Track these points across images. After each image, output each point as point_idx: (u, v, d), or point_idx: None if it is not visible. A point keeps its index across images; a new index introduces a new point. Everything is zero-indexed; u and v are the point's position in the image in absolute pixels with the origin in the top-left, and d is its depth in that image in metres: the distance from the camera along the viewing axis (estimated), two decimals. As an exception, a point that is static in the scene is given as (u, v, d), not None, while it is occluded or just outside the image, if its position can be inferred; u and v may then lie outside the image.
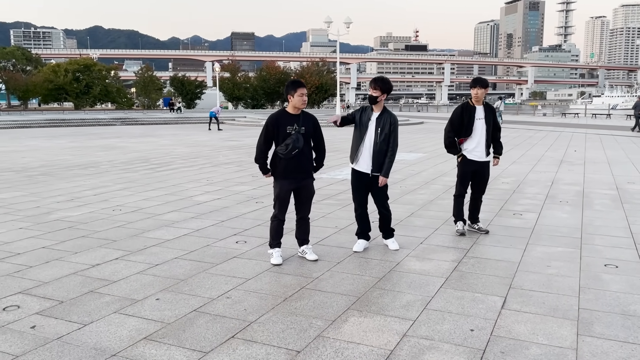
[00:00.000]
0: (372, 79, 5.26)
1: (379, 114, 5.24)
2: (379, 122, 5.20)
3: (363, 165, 5.31)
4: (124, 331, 3.61)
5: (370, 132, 5.21)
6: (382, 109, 5.27)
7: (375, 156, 5.22)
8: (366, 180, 5.36)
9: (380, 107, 5.27)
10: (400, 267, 5.01)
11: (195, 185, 9.66)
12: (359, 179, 5.40)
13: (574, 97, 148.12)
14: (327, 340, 3.48)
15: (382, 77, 5.27)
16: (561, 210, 7.50)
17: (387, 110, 5.31)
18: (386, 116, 5.23)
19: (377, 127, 5.20)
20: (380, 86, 5.16)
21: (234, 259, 5.27)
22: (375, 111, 5.27)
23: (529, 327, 3.67)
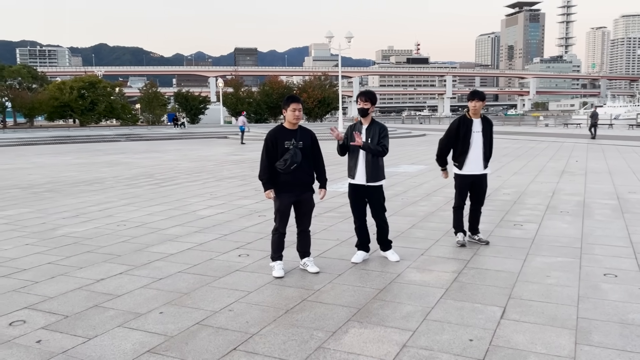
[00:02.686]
0: (361, 92, 5.42)
1: (367, 126, 5.40)
2: (369, 132, 5.38)
3: (359, 177, 5.42)
4: (128, 345, 3.67)
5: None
6: (370, 121, 5.43)
7: (368, 166, 5.35)
8: (362, 192, 5.46)
9: (369, 119, 5.44)
10: (400, 278, 5.06)
11: (199, 199, 9.75)
12: (356, 192, 5.51)
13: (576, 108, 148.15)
14: (327, 352, 3.53)
15: (370, 90, 5.51)
16: (562, 220, 7.54)
17: (375, 121, 5.48)
18: (374, 126, 5.42)
19: (367, 138, 5.35)
20: (370, 99, 5.36)
21: (237, 272, 5.33)
22: (364, 124, 5.43)
23: (528, 337, 3.71)
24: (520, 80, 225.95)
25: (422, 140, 29.85)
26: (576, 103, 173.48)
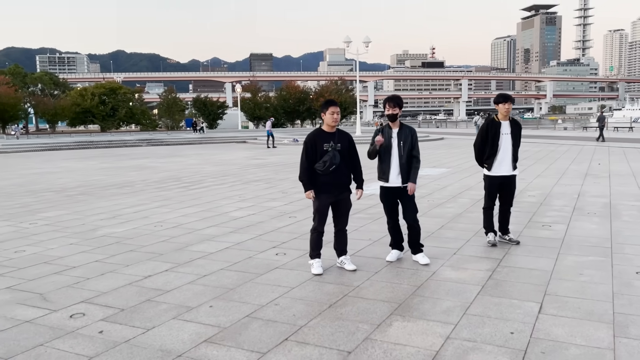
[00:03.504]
0: (388, 98, 5.62)
1: (398, 130, 5.58)
2: (400, 136, 5.55)
3: (392, 180, 5.58)
4: (185, 335, 3.90)
5: (394, 148, 5.53)
6: (399, 125, 5.60)
7: (402, 168, 5.52)
8: (396, 193, 5.63)
9: (397, 124, 5.61)
10: (436, 276, 5.22)
11: (229, 201, 10.00)
12: (389, 194, 5.67)
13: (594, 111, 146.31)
14: (375, 342, 3.72)
15: (396, 95, 5.73)
16: (589, 221, 7.62)
17: (405, 125, 5.66)
18: (405, 129, 5.59)
19: (399, 141, 5.52)
20: (398, 104, 5.57)
21: (276, 269, 5.54)
22: (394, 128, 5.60)
23: (567, 330, 3.85)
24: (536, 84, 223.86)
25: (441, 143, 29.89)
26: (594, 106, 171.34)
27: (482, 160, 6.39)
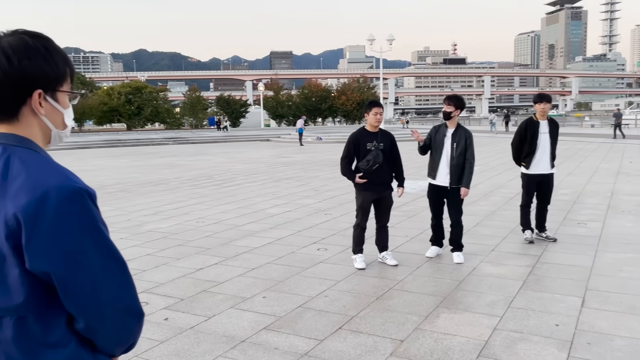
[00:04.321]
0: (447, 96, 5.72)
1: (453, 130, 5.66)
2: (454, 137, 5.62)
3: (440, 179, 5.71)
4: (245, 322, 4.16)
5: (446, 147, 5.63)
6: (456, 125, 5.69)
7: (452, 170, 5.60)
8: (443, 193, 5.76)
9: (454, 123, 5.69)
10: (477, 271, 5.39)
11: (263, 199, 10.28)
12: (437, 193, 5.81)
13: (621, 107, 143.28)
14: (425, 332, 3.92)
15: (456, 95, 5.73)
16: (625, 219, 7.68)
17: (462, 126, 5.71)
18: (461, 131, 5.64)
19: (452, 142, 5.60)
20: (454, 102, 5.60)
21: (320, 264, 5.77)
22: (449, 127, 5.69)
23: (611, 323, 3.99)
24: (561, 80, 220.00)
25: (465, 141, 29.76)
26: (621, 103, 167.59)
27: (519, 158, 6.52)
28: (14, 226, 1.13)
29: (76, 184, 1.19)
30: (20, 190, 1.14)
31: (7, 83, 1.19)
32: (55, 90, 1.27)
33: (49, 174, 1.18)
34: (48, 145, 1.33)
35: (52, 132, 1.31)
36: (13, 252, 1.14)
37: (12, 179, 1.17)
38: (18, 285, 1.16)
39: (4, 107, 1.22)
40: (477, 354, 3.54)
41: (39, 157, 1.23)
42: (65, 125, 1.35)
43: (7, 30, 1.24)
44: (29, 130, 1.26)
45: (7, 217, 1.13)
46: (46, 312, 1.20)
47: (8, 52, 1.18)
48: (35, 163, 1.20)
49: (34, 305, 1.18)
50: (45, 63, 1.23)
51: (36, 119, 1.26)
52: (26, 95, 1.22)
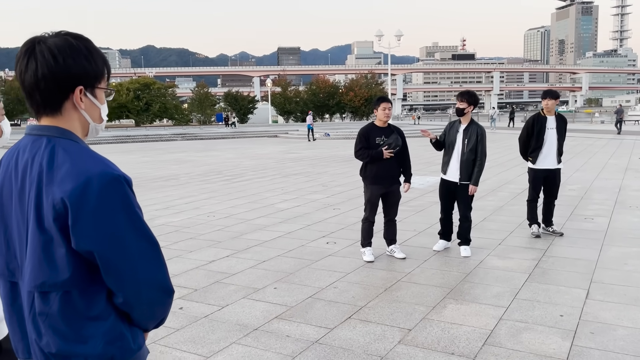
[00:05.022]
0: (460, 93, 5.79)
1: (466, 126, 5.74)
2: (466, 133, 5.69)
3: (451, 174, 5.80)
4: (257, 312, 4.29)
5: (458, 143, 5.72)
6: (469, 121, 5.76)
7: (463, 165, 5.68)
8: (453, 188, 5.85)
9: (467, 119, 5.76)
10: (483, 264, 5.49)
11: (273, 194, 10.41)
12: (447, 187, 5.90)
13: (632, 104, 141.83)
14: (432, 322, 4.03)
15: (470, 91, 5.79)
16: (632, 214, 7.73)
17: (475, 122, 5.78)
18: (473, 127, 5.71)
19: (464, 138, 5.68)
20: (467, 99, 5.67)
21: (329, 256, 5.89)
22: (462, 123, 5.77)
23: (614, 314, 4.09)
24: (571, 76, 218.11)
25: (473, 138, 29.72)
26: (632, 99, 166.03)
27: (526, 153, 6.60)
28: (61, 210, 1.26)
29: (115, 171, 1.32)
30: (66, 177, 1.27)
31: (53, 80, 1.32)
32: (94, 87, 1.40)
33: (90, 162, 1.31)
34: (86, 137, 1.46)
35: (90, 125, 1.44)
36: (60, 233, 1.27)
37: (57, 167, 1.29)
38: (64, 263, 1.28)
39: (49, 102, 1.35)
40: (482, 342, 3.65)
41: (80, 147, 1.35)
42: (102, 119, 1.47)
43: (51, 32, 1.37)
44: (70, 123, 1.39)
45: (55, 202, 1.26)
46: (89, 287, 1.32)
47: (54, 52, 1.31)
48: (78, 152, 1.33)
49: (78, 281, 1.30)
50: (86, 62, 1.35)
51: (77, 113, 1.39)
52: (69, 91, 1.35)
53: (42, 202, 1.28)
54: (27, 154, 1.35)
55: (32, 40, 1.34)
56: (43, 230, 1.28)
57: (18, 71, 1.35)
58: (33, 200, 1.29)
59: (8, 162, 1.40)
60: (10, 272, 1.39)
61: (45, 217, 1.28)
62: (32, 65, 1.31)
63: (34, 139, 1.36)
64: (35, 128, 1.38)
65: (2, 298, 1.43)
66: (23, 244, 1.34)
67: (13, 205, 1.36)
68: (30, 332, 1.35)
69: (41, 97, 1.34)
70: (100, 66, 1.40)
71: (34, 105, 1.36)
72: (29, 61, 1.32)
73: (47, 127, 1.36)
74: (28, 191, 1.31)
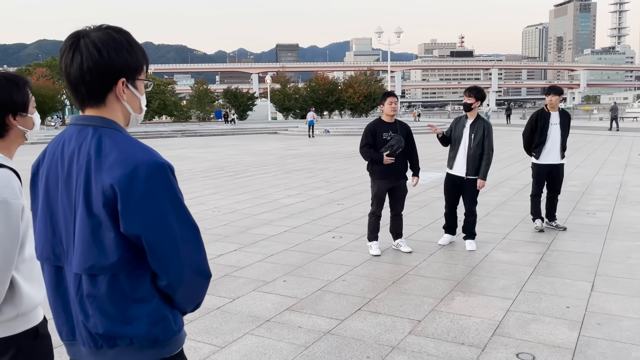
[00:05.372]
0: (467, 88, 5.85)
1: (472, 121, 5.80)
2: (473, 128, 5.75)
3: (457, 169, 5.86)
4: (268, 304, 4.36)
5: (464, 138, 5.78)
6: (475, 116, 5.83)
7: (469, 160, 5.75)
8: (459, 183, 5.91)
9: (474, 114, 5.82)
10: (489, 258, 5.56)
11: (276, 189, 10.47)
12: (452, 182, 5.97)
13: (629, 101, 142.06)
14: (441, 313, 4.10)
15: (477, 87, 5.86)
16: (634, 209, 7.81)
17: (481, 117, 5.85)
18: (479, 122, 5.77)
19: (470, 133, 5.74)
20: (474, 94, 5.73)
21: (336, 250, 5.96)
22: (469, 118, 5.84)
23: (619, 305, 4.16)
24: (569, 73, 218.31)
25: (472, 134, 29.80)
26: (630, 96, 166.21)
27: (530, 149, 6.66)
28: (110, 195, 1.31)
29: (159, 159, 1.37)
30: (115, 165, 1.33)
31: (98, 73, 1.37)
32: (135, 79, 1.46)
33: (136, 150, 1.36)
34: (127, 126, 1.51)
35: (131, 115, 1.50)
36: (109, 218, 1.33)
37: (105, 155, 1.35)
38: (112, 246, 1.34)
39: (93, 94, 1.40)
40: (491, 333, 3.72)
41: (124, 136, 1.41)
42: (142, 109, 1.53)
43: (93, 26, 1.42)
44: (114, 113, 1.44)
45: (105, 188, 1.32)
46: (134, 270, 1.38)
47: (99, 46, 1.36)
48: (124, 141, 1.38)
49: (124, 264, 1.36)
50: (128, 55, 1.41)
51: (119, 104, 1.45)
52: (112, 83, 1.41)
53: (90, 189, 1.34)
54: (74, 143, 1.40)
55: (76, 34, 1.40)
56: (92, 215, 1.34)
57: (63, 64, 1.40)
58: (82, 187, 1.35)
59: (54, 151, 1.45)
60: (56, 257, 1.45)
61: (94, 203, 1.33)
62: (77, 58, 1.36)
63: (79, 129, 1.42)
64: (80, 118, 1.44)
65: (47, 282, 1.49)
66: (70, 229, 1.40)
67: (59, 193, 1.42)
68: (77, 314, 1.41)
69: (86, 89, 1.39)
70: (140, 58, 1.45)
71: (79, 97, 1.41)
72: (74, 55, 1.37)
73: (93, 117, 1.42)
74: (76, 178, 1.37)
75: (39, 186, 1.49)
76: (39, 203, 1.48)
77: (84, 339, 1.42)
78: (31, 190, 1.53)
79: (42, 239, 1.46)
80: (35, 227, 1.50)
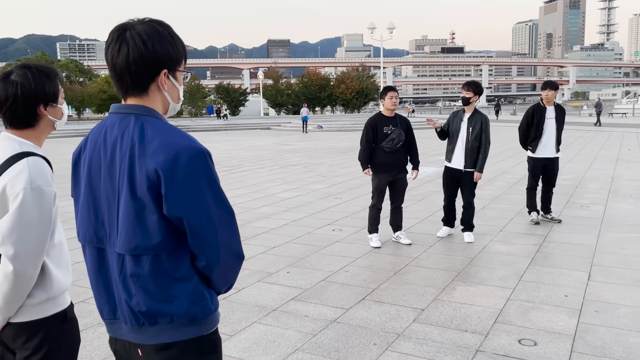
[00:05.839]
0: (466, 82, 5.95)
1: (470, 115, 5.90)
2: (470, 121, 5.85)
3: (456, 162, 5.96)
4: (273, 294, 4.43)
5: (462, 131, 5.88)
6: (473, 110, 5.92)
7: (467, 153, 5.85)
8: (457, 175, 6.01)
9: (471, 108, 5.92)
10: (487, 249, 5.67)
11: (273, 184, 10.53)
12: (451, 175, 6.07)
13: (618, 97, 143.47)
14: (443, 302, 4.20)
15: (475, 81, 5.96)
16: (626, 202, 7.98)
17: (478, 111, 5.95)
18: (477, 116, 5.88)
19: (468, 127, 5.84)
20: (473, 88, 5.83)
21: (337, 243, 6.04)
22: (467, 112, 5.93)
23: (616, 294, 4.29)
24: (559, 69, 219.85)
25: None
26: (618, 92, 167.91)
27: (526, 143, 6.78)
28: (154, 179, 1.38)
29: (199, 145, 1.44)
30: (158, 150, 1.39)
31: (143, 64, 1.43)
32: (175, 70, 1.52)
33: (177, 137, 1.43)
34: (165, 115, 1.58)
35: (170, 104, 1.56)
36: (153, 201, 1.39)
37: (148, 141, 1.41)
38: (155, 228, 1.41)
39: (137, 84, 1.47)
40: (493, 320, 3.83)
41: (165, 124, 1.47)
42: (179, 99, 1.59)
43: (137, 19, 1.48)
44: (154, 103, 1.51)
45: (149, 172, 1.38)
46: (175, 251, 1.45)
47: (144, 38, 1.43)
48: (165, 128, 1.45)
49: (166, 245, 1.43)
50: (170, 47, 1.47)
51: (160, 94, 1.51)
52: (155, 74, 1.47)
53: (134, 173, 1.40)
54: (116, 130, 1.46)
55: (122, 26, 1.46)
56: (136, 199, 1.40)
57: (109, 55, 1.46)
58: (126, 172, 1.41)
59: (96, 139, 1.51)
60: (98, 239, 1.51)
61: (138, 187, 1.40)
62: (124, 50, 1.42)
63: (121, 117, 1.48)
64: (122, 107, 1.50)
65: (89, 264, 1.55)
66: (113, 213, 1.46)
67: (102, 178, 1.48)
68: (120, 293, 1.47)
69: (131, 79, 1.45)
70: (181, 50, 1.52)
71: (123, 86, 1.48)
72: (121, 46, 1.43)
73: (135, 105, 1.48)
74: (119, 164, 1.43)
75: (81, 172, 1.54)
76: (81, 188, 1.54)
77: (125, 317, 1.48)
78: (73, 176, 1.59)
79: (85, 223, 1.52)
80: (78, 212, 1.56)
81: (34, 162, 1.76)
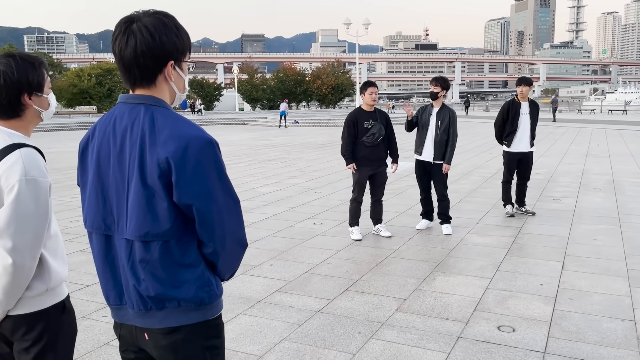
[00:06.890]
0: (433, 78, 6.11)
1: (438, 109, 6.07)
2: (439, 115, 6.03)
3: (426, 154, 6.12)
4: (257, 286, 4.47)
5: (431, 125, 6.04)
6: (441, 105, 6.09)
7: (436, 146, 6.02)
8: (428, 168, 6.16)
9: (439, 102, 6.09)
10: (465, 241, 5.82)
11: (252, 179, 10.53)
12: (423, 167, 6.21)
13: (586, 94, 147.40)
14: (424, 292, 4.31)
15: (442, 77, 6.14)
16: (596, 196, 8.26)
17: (446, 106, 6.12)
18: (445, 110, 6.06)
19: (437, 120, 6.01)
20: (440, 84, 6.01)
21: (318, 236, 6.10)
22: (435, 107, 6.10)
23: (589, 282, 4.47)
24: (530, 67, 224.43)
25: (439, 126, 30.40)
26: (586, 89, 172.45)
27: (502, 137, 6.96)
28: (165, 168, 1.41)
29: (207, 135, 1.47)
30: (169, 139, 1.42)
31: (151, 56, 1.46)
32: (181, 61, 1.55)
33: (187, 127, 1.46)
34: (172, 104, 1.60)
35: (177, 94, 1.59)
36: (163, 188, 1.42)
37: (158, 130, 1.44)
38: (165, 215, 1.44)
39: (145, 75, 1.49)
40: (473, 309, 3.95)
41: (174, 114, 1.50)
42: (185, 89, 1.62)
43: (142, 11, 1.50)
44: (162, 93, 1.53)
45: (160, 161, 1.41)
46: (183, 238, 1.48)
47: (151, 30, 1.45)
48: (174, 118, 1.48)
49: (175, 231, 1.46)
50: (176, 39, 1.50)
51: (167, 84, 1.54)
52: (162, 66, 1.49)
53: (145, 162, 1.43)
54: (126, 119, 1.48)
55: (129, 19, 1.47)
56: (146, 186, 1.43)
57: (117, 48, 1.47)
58: (136, 160, 1.43)
59: (105, 128, 1.53)
60: (106, 226, 1.53)
61: (148, 175, 1.42)
62: (131, 42, 1.44)
63: (131, 107, 1.50)
64: (131, 97, 1.52)
65: (96, 251, 1.57)
66: (122, 200, 1.48)
67: (111, 166, 1.50)
68: (128, 279, 1.50)
69: (139, 71, 1.48)
70: (186, 41, 1.54)
71: (131, 78, 1.50)
72: (128, 39, 1.45)
73: (144, 96, 1.50)
74: (129, 152, 1.46)
75: (89, 161, 1.56)
76: (88, 176, 1.56)
77: (133, 302, 1.51)
78: (80, 165, 1.60)
79: (93, 210, 1.54)
80: (85, 199, 1.57)
81: (27, 153, 1.75)
